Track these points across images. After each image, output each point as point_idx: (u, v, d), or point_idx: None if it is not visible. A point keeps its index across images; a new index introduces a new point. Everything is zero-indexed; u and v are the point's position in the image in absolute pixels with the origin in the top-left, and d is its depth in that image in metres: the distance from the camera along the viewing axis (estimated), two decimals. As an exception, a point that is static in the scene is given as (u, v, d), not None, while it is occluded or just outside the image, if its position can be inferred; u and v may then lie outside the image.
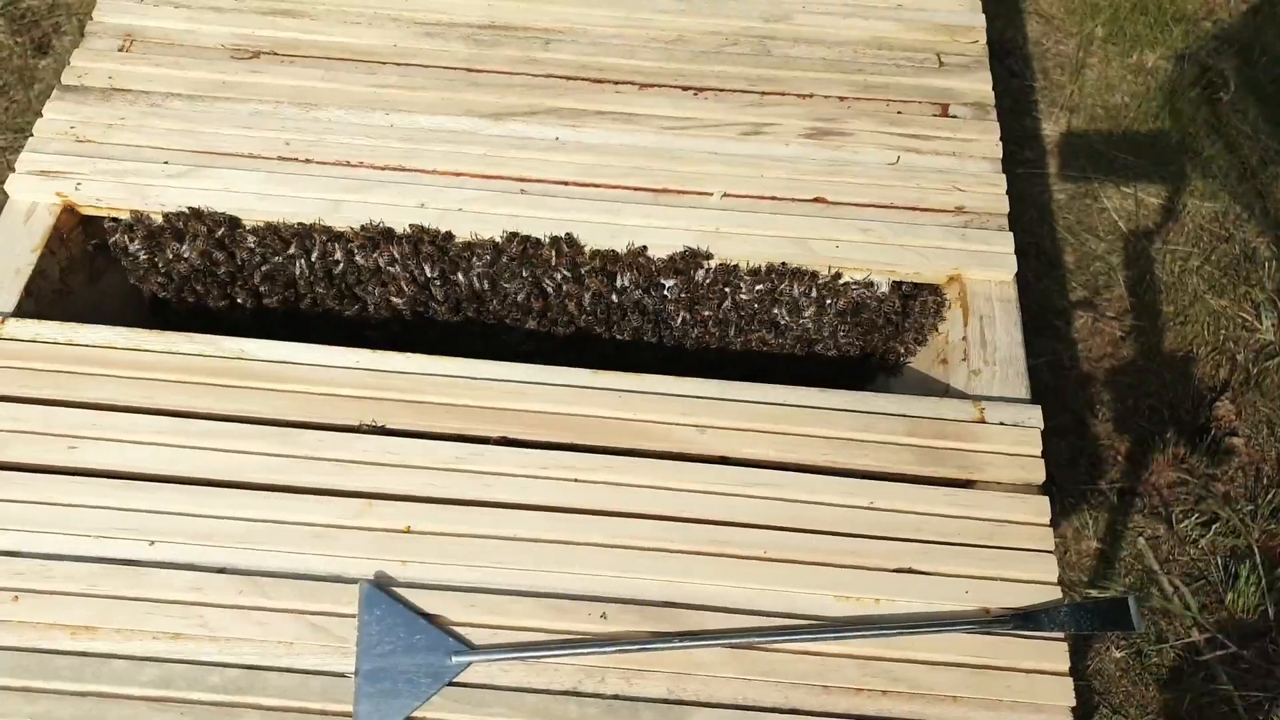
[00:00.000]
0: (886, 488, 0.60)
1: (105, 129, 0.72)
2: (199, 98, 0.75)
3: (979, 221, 0.71)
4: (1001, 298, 0.69)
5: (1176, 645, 1.40)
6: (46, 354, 0.62)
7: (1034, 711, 0.54)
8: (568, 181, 0.72)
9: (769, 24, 0.82)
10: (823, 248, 0.70)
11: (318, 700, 0.53)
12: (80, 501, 0.57)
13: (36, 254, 0.67)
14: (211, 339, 0.63)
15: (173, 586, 0.55)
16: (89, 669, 0.53)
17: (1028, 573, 0.58)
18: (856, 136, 0.75)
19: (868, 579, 0.57)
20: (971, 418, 0.63)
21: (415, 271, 0.71)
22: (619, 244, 0.70)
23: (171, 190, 0.70)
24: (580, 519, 0.58)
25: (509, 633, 0.55)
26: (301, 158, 0.72)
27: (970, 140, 0.76)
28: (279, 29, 0.79)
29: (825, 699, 0.54)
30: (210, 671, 0.53)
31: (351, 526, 0.57)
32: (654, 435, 0.61)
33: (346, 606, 0.55)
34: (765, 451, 0.61)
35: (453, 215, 0.70)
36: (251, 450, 0.59)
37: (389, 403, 0.61)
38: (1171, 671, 1.37)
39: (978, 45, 0.82)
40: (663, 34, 0.81)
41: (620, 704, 0.53)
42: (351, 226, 0.70)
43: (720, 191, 0.72)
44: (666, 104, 0.76)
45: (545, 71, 0.78)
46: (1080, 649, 1.36)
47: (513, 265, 0.70)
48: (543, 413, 0.61)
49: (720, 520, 0.59)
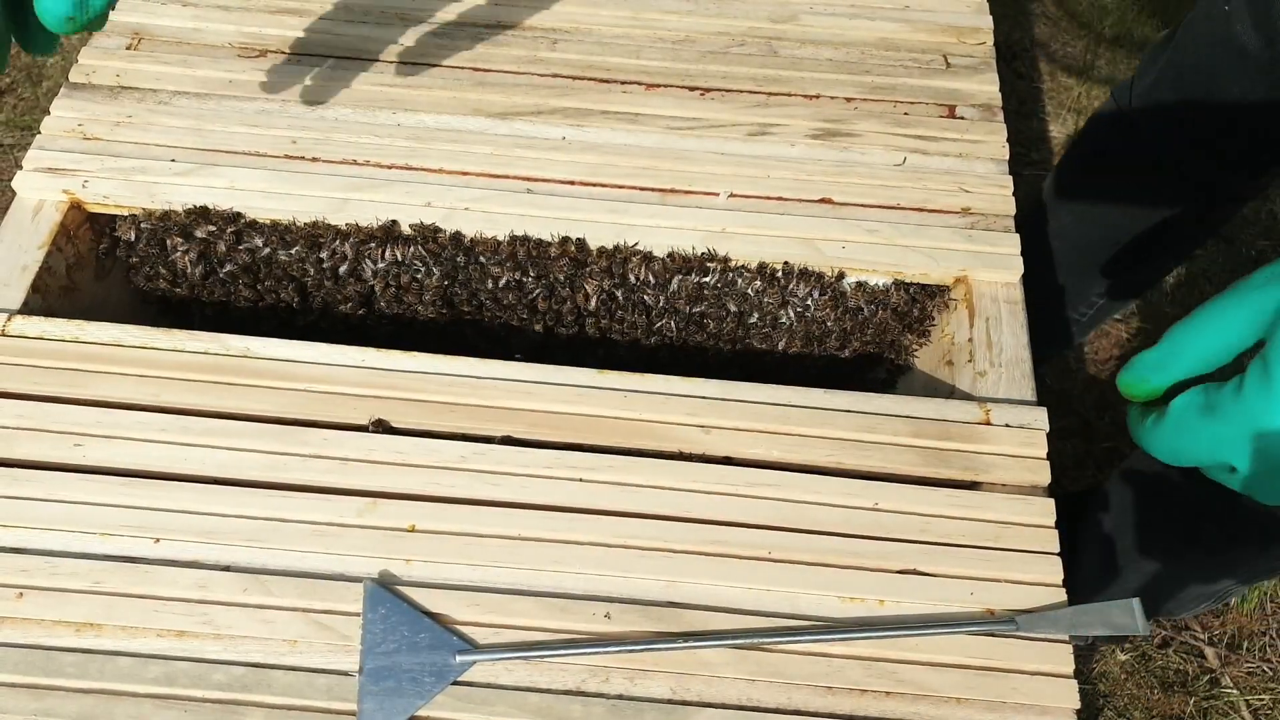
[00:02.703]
0: (891, 489, 0.60)
1: (113, 127, 0.72)
2: (206, 96, 0.75)
3: (985, 223, 0.71)
4: (1008, 299, 0.69)
5: (1181, 649, 1.39)
6: (53, 351, 0.62)
7: (1038, 714, 0.54)
8: (574, 181, 0.72)
9: (776, 25, 0.82)
10: (829, 248, 0.70)
11: (322, 698, 0.53)
12: (86, 499, 0.57)
13: (43, 251, 0.67)
14: (217, 337, 0.63)
15: (178, 584, 0.55)
16: (94, 666, 0.53)
17: (1032, 575, 0.58)
18: (863, 137, 0.75)
19: (872, 580, 0.57)
20: (977, 419, 0.63)
21: (420, 270, 0.71)
22: (625, 244, 0.70)
23: (178, 188, 0.70)
24: (584, 519, 0.58)
25: (513, 632, 0.55)
26: (308, 156, 0.72)
27: (977, 141, 0.76)
28: (286, 28, 0.79)
29: (829, 700, 0.54)
30: (215, 669, 0.53)
31: (356, 525, 0.57)
32: (658, 435, 0.61)
33: (351, 605, 0.55)
34: (769, 451, 0.61)
35: (459, 214, 0.70)
36: (256, 448, 0.59)
37: (394, 401, 0.61)
38: (1177, 675, 1.36)
39: (985, 47, 0.82)
40: (669, 34, 0.81)
41: (624, 704, 0.53)
42: (358, 225, 0.70)
43: (726, 192, 0.72)
44: (673, 104, 0.76)
45: (552, 71, 0.78)
46: (1085, 652, 1.36)
47: (518, 265, 0.70)
48: (547, 412, 0.61)
49: (724, 521, 0.59)
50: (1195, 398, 0.49)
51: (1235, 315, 0.48)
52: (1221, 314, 0.49)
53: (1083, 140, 1.15)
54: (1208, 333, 0.49)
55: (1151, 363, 0.51)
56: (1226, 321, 0.49)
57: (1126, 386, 0.53)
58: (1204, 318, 0.50)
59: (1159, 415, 0.51)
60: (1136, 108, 1.01)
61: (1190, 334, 0.50)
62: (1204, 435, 0.48)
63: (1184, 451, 0.49)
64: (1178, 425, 0.49)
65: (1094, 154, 1.12)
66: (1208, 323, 0.49)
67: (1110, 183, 1.08)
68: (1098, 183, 1.10)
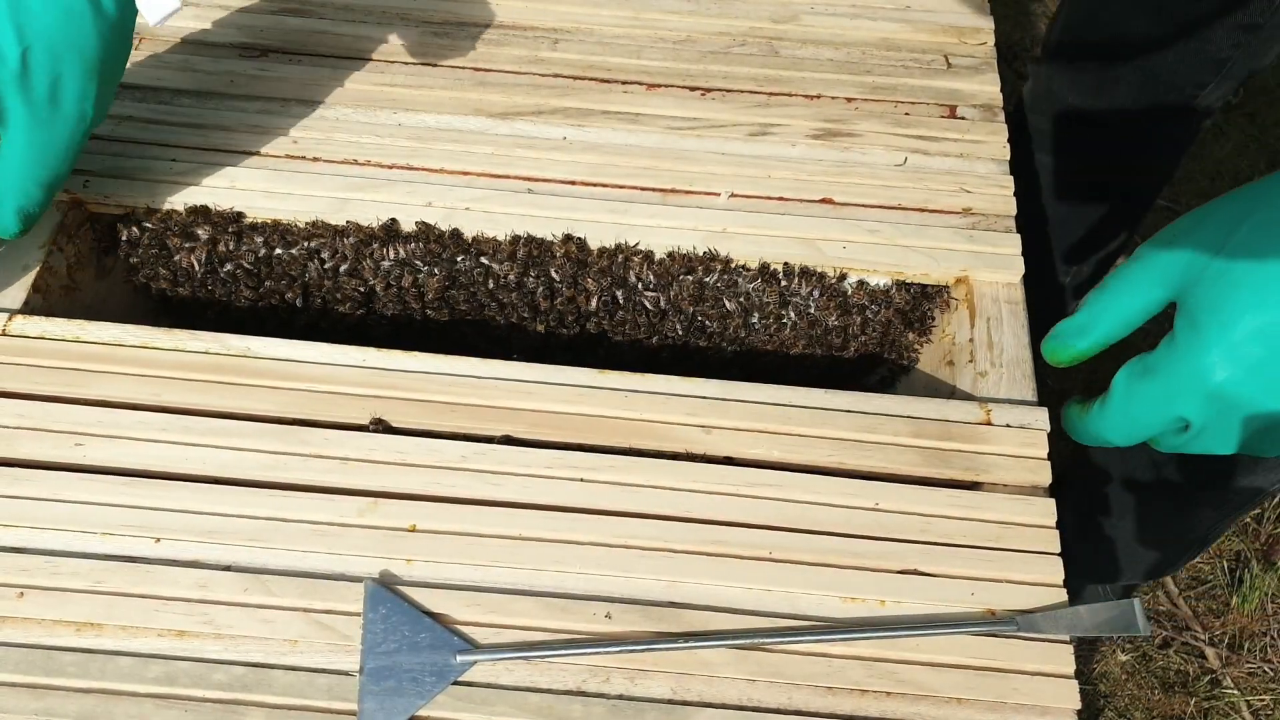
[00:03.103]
0: (891, 489, 0.60)
1: (114, 126, 0.72)
2: (207, 95, 0.75)
3: (986, 223, 0.71)
4: (1009, 299, 0.69)
5: (1182, 650, 1.39)
6: (54, 351, 0.62)
7: (1039, 714, 0.54)
8: (575, 181, 0.72)
9: (777, 25, 0.82)
10: (830, 248, 0.70)
11: (322, 698, 0.53)
12: (87, 498, 0.57)
13: (44, 250, 0.67)
14: (217, 336, 0.63)
15: (179, 584, 0.55)
16: (94, 665, 0.53)
17: (1033, 575, 0.58)
18: (864, 137, 0.75)
19: (872, 580, 0.57)
20: (978, 419, 0.63)
21: (421, 270, 0.71)
22: (626, 244, 0.70)
23: (180, 188, 0.70)
24: (585, 519, 0.58)
25: (513, 632, 0.55)
26: (309, 156, 0.72)
27: (978, 142, 0.76)
28: (287, 27, 0.79)
29: (829, 700, 0.54)
30: (215, 669, 0.53)
31: (356, 525, 0.57)
32: (659, 434, 0.61)
33: (351, 605, 0.55)
34: (770, 451, 0.61)
35: (460, 214, 0.70)
36: (257, 448, 0.59)
37: (395, 401, 0.61)
38: (1178, 676, 1.36)
39: (986, 47, 0.82)
40: (670, 34, 0.81)
41: (625, 704, 0.53)
42: (359, 224, 0.70)
43: (727, 192, 0.72)
44: (674, 104, 0.76)
45: (553, 71, 0.78)
46: (1086, 652, 1.36)
47: (519, 265, 0.70)
48: (548, 412, 0.61)
49: (725, 521, 0.58)
50: (1133, 367, 0.52)
51: (1145, 276, 0.52)
52: (1133, 277, 0.52)
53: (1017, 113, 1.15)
54: (1123, 296, 0.53)
55: (1074, 329, 0.54)
56: (1138, 284, 0.52)
57: (1052, 353, 0.56)
58: (1118, 283, 0.53)
59: (1102, 399, 0.53)
60: (1051, 65, 1.03)
61: (1107, 298, 0.53)
62: (1151, 395, 0.50)
63: (1137, 419, 0.52)
64: (1125, 395, 0.52)
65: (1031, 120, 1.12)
66: (1121, 287, 0.53)
67: (1059, 141, 1.09)
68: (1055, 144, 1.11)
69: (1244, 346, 0.47)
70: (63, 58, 0.57)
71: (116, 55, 0.60)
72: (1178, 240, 0.51)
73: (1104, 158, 1.07)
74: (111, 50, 0.59)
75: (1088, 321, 0.54)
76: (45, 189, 0.61)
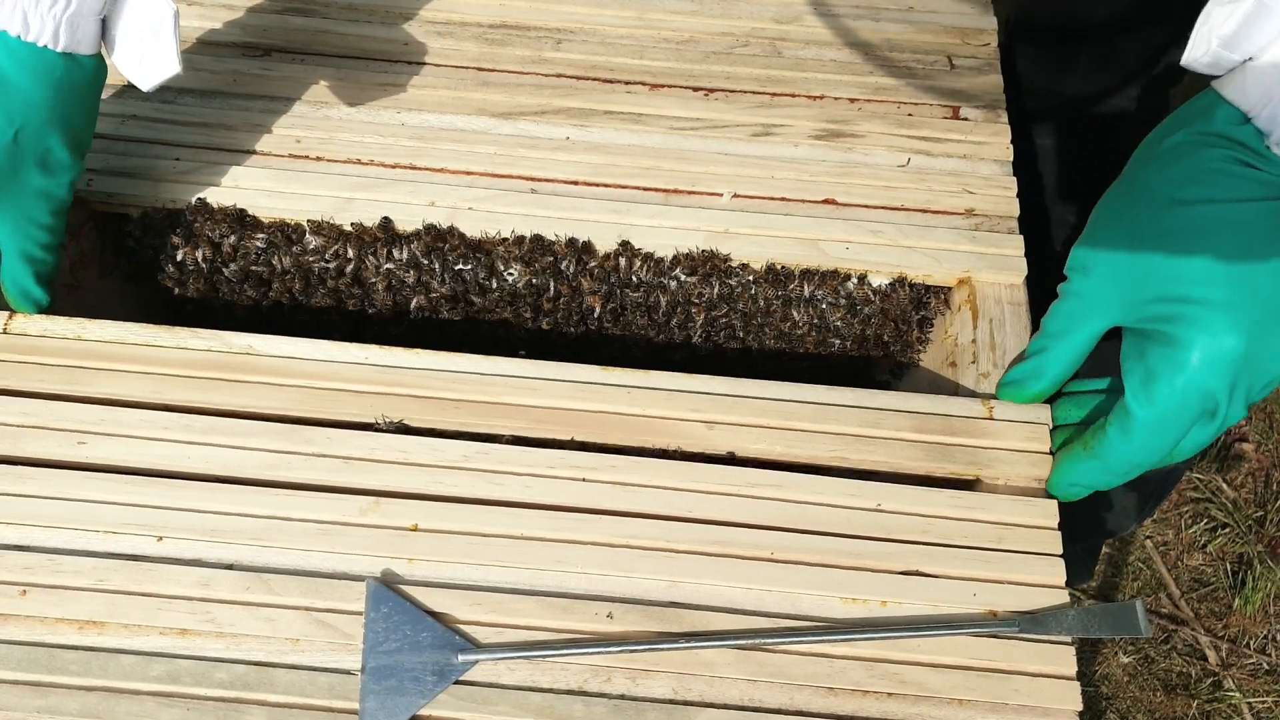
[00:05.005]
0: (894, 490, 0.60)
1: (118, 125, 0.72)
2: (211, 94, 0.75)
3: (989, 224, 0.71)
4: (1011, 300, 0.69)
5: (1184, 651, 1.39)
6: (56, 349, 0.62)
7: (1041, 715, 0.53)
8: (577, 181, 0.72)
9: (780, 25, 0.82)
10: (833, 249, 0.70)
11: (324, 697, 0.53)
12: (89, 496, 0.57)
13: (47, 249, 0.67)
14: (219, 334, 0.63)
15: (181, 582, 0.55)
16: (97, 664, 0.53)
17: (1035, 576, 0.57)
18: (867, 138, 0.75)
19: (874, 581, 0.57)
20: (980, 415, 0.62)
21: (424, 269, 0.71)
22: (628, 244, 0.70)
23: (182, 187, 0.70)
24: (587, 518, 0.58)
25: (515, 631, 0.55)
26: (312, 155, 0.72)
27: (981, 143, 0.75)
28: (291, 27, 0.79)
29: (831, 700, 0.54)
30: (217, 667, 0.53)
31: (358, 524, 0.57)
32: (662, 431, 0.61)
33: (353, 604, 0.55)
34: (772, 447, 0.61)
35: (463, 214, 0.70)
36: (259, 446, 0.59)
37: (397, 399, 0.61)
38: (1179, 677, 1.36)
39: (989, 48, 0.82)
40: (674, 35, 0.81)
41: (626, 704, 0.53)
42: (362, 224, 0.70)
43: (730, 192, 0.72)
44: (677, 104, 0.76)
45: (556, 71, 0.78)
46: (1088, 653, 1.36)
47: (521, 265, 0.71)
48: (552, 408, 0.61)
49: (726, 521, 0.58)
50: (1123, 404, 0.55)
51: (1083, 312, 0.57)
52: (1071, 316, 0.58)
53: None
54: (1066, 338, 0.59)
55: (1029, 373, 0.61)
56: (1077, 322, 0.58)
57: (1010, 397, 0.62)
58: (1058, 325, 0.59)
59: (1102, 439, 0.57)
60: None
61: (1052, 342, 0.59)
62: (1175, 391, 0.53)
63: (1168, 423, 0.54)
64: (1145, 411, 0.54)
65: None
66: (1063, 329, 0.59)
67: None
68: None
69: (1243, 289, 0.50)
70: (49, 131, 0.59)
71: (93, 111, 0.63)
72: (1095, 268, 0.56)
73: (1078, 138, 1.06)
74: (90, 110, 0.62)
75: (1040, 365, 0.60)
76: (51, 251, 0.63)
